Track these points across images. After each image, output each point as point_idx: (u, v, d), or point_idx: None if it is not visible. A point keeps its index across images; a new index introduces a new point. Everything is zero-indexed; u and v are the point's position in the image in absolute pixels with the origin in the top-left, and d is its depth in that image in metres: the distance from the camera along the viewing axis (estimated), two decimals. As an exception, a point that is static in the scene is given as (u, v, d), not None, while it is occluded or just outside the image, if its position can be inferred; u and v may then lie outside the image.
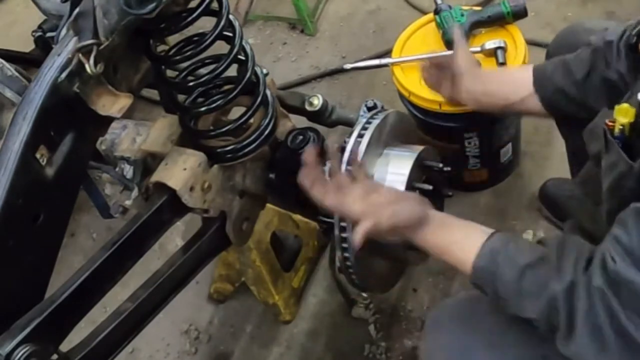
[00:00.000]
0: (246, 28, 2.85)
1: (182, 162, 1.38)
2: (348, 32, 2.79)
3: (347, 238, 1.41)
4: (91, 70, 1.18)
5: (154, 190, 1.39)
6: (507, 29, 1.82)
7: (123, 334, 1.33)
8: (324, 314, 1.99)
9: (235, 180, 1.50)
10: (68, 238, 2.32)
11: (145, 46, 1.34)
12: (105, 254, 1.26)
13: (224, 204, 1.48)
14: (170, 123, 1.45)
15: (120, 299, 1.35)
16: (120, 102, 1.25)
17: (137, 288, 1.37)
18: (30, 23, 2.39)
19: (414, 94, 1.78)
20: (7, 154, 1.13)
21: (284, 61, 2.76)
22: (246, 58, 1.42)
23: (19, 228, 1.16)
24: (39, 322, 1.14)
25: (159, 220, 1.36)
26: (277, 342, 1.97)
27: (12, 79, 1.26)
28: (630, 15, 2.41)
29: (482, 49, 1.76)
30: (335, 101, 2.04)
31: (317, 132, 1.54)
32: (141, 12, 1.17)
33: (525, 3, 1.78)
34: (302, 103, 1.76)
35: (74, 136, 1.24)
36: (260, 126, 1.45)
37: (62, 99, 1.19)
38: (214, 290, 2.09)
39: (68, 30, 1.21)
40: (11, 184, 1.11)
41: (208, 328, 2.07)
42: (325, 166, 1.49)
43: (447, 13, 1.84)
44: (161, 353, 2.05)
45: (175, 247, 1.80)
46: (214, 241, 1.52)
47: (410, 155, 1.47)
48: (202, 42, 1.33)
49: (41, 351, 1.13)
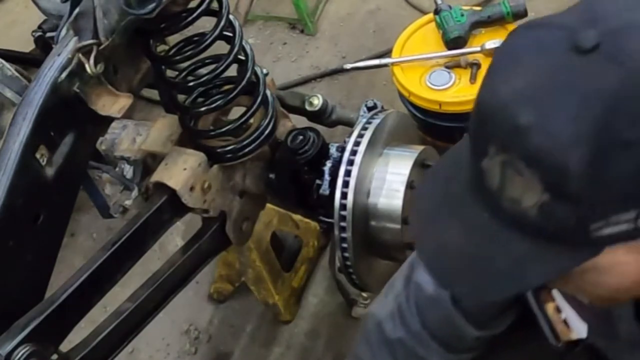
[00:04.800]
0: (246, 28, 2.84)
1: (182, 162, 1.38)
2: (348, 32, 2.79)
3: (347, 238, 1.41)
4: (91, 70, 1.18)
5: (154, 190, 1.39)
6: (507, 29, 1.82)
7: (123, 334, 1.32)
8: (324, 314, 1.99)
9: (235, 180, 1.50)
10: (68, 238, 2.31)
11: (145, 46, 1.34)
12: (105, 254, 1.25)
13: (224, 204, 1.48)
14: (170, 123, 1.45)
15: (120, 299, 1.35)
16: (120, 102, 1.25)
17: (137, 288, 1.37)
18: (30, 23, 2.39)
19: (414, 94, 1.78)
20: (7, 154, 1.13)
21: (284, 61, 2.76)
22: (246, 58, 1.42)
23: (19, 228, 1.16)
24: (39, 322, 1.14)
25: (159, 220, 1.36)
26: (277, 342, 1.97)
27: (12, 79, 1.26)
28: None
29: (482, 49, 1.76)
30: (335, 101, 2.04)
31: (317, 132, 1.54)
32: (141, 12, 1.17)
33: (525, 3, 1.79)
34: (302, 103, 1.76)
35: (74, 136, 1.24)
36: (260, 126, 1.44)
37: (62, 99, 1.19)
38: (214, 290, 2.09)
39: (68, 30, 1.21)
40: (11, 184, 1.11)
41: (208, 328, 2.07)
42: (325, 166, 1.50)
43: (447, 13, 1.84)
44: (161, 353, 2.05)
45: (175, 247, 1.80)
46: (214, 241, 1.52)
47: (410, 155, 1.47)
48: (202, 42, 1.33)
49: (41, 351, 1.13)
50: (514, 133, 0.59)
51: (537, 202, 0.60)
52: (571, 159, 0.56)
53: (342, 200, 1.41)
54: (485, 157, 0.63)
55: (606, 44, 0.57)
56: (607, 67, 0.56)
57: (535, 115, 0.58)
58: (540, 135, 0.58)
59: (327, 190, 1.48)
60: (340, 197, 1.41)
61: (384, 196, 1.44)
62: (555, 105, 0.57)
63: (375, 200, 1.45)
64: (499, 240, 0.65)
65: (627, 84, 0.55)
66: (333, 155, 1.50)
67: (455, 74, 1.79)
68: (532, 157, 0.58)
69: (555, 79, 0.58)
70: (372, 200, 1.45)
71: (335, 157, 1.49)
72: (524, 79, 0.60)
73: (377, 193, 1.45)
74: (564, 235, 0.61)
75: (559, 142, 0.57)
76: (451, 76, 1.79)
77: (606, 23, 0.59)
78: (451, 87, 1.77)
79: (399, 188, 1.42)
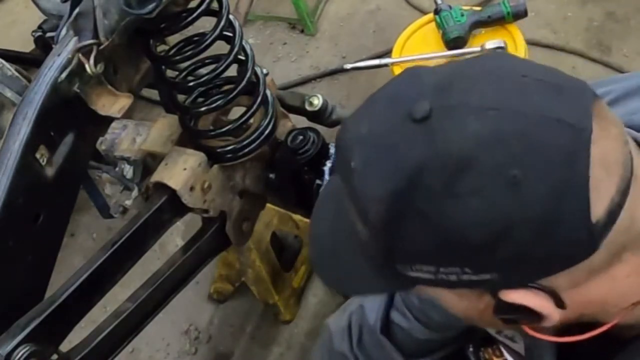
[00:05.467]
0: (246, 28, 2.84)
1: (182, 162, 1.38)
2: (348, 32, 2.79)
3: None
4: (91, 70, 1.18)
5: (154, 190, 1.39)
6: (507, 29, 1.82)
7: (123, 334, 1.32)
8: (324, 314, 1.99)
9: (235, 180, 1.50)
10: (68, 238, 2.32)
11: (145, 46, 1.34)
12: (105, 254, 1.25)
13: (224, 204, 1.48)
14: (170, 123, 1.45)
15: (120, 299, 1.35)
16: (120, 102, 1.25)
17: (137, 288, 1.37)
18: (30, 23, 2.39)
19: (414, 94, 1.77)
20: (7, 154, 1.13)
21: (284, 61, 2.76)
22: (246, 58, 1.42)
23: (19, 228, 1.16)
24: (39, 322, 1.14)
25: (159, 220, 1.36)
26: (277, 342, 1.97)
27: (12, 79, 1.26)
28: (630, 15, 2.41)
29: (482, 49, 1.76)
30: (335, 101, 2.04)
31: (317, 132, 1.54)
32: (141, 12, 1.17)
33: (525, 3, 1.78)
34: (302, 103, 1.76)
35: (74, 136, 1.24)
36: (260, 126, 1.45)
37: (62, 99, 1.19)
38: (214, 290, 2.09)
39: (68, 30, 1.21)
40: (11, 184, 1.11)
41: (208, 328, 2.07)
42: (325, 166, 1.50)
43: (447, 13, 1.84)
44: (161, 353, 2.05)
45: (175, 247, 1.80)
46: (214, 241, 1.52)
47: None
48: (202, 42, 1.33)
49: (41, 351, 1.13)
50: (347, 170, 0.64)
51: (362, 231, 0.65)
52: (371, 210, 0.62)
53: (342, 200, 1.41)
54: (339, 176, 0.69)
55: (434, 118, 0.60)
56: (422, 140, 0.59)
57: (361, 163, 0.63)
58: (359, 181, 0.63)
59: (327, 190, 1.48)
60: (340, 197, 1.41)
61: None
62: (377, 160, 0.62)
63: (375, 200, 1.45)
64: (350, 245, 0.69)
65: (430, 160, 0.58)
66: (333, 155, 1.50)
67: (456, 74, 1.79)
68: (353, 195, 0.64)
69: (387, 135, 0.62)
70: (372, 200, 1.45)
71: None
72: (368, 125, 0.64)
73: (377, 193, 1.45)
74: (381, 263, 0.66)
75: (367, 192, 0.62)
76: (451, 76, 1.79)
77: (449, 96, 0.61)
78: (451, 87, 1.77)
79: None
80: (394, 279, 0.66)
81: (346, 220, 0.68)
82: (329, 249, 0.75)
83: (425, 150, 0.59)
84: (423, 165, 0.58)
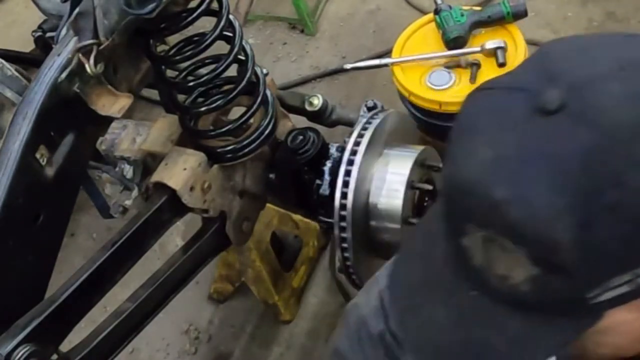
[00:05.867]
0: (246, 28, 2.84)
1: (182, 162, 1.38)
2: (348, 32, 2.79)
3: (347, 238, 1.41)
4: (91, 70, 1.18)
5: (154, 190, 1.39)
6: (507, 29, 1.82)
7: (123, 334, 1.32)
8: (324, 314, 1.99)
9: (235, 180, 1.50)
10: (68, 238, 2.31)
11: (145, 46, 1.34)
12: (105, 254, 1.25)
13: (224, 204, 1.48)
14: (170, 123, 1.45)
15: (120, 299, 1.35)
16: (120, 102, 1.25)
17: (137, 288, 1.37)
18: (30, 23, 2.39)
19: (414, 94, 1.77)
20: (7, 154, 1.13)
21: (284, 61, 2.76)
22: (246, 58, 1.42)
23: (19, 228, 1.16)
24: (39, 322, 1.14)
25: (159, 220, 1.36)
26: (277, 342, 1.97)
27: (12, 79, 1.26)
28: (630, 15, 2.41)
29: (482, 49, 1.76)
30: (335, 101, 2.04)
31: (317, 132, 1.54)
32: (141, 12, 1.18)
33: (525, 3, 1.78)
34: (302, 103, 1.76)
35: (74, 136, 1.24)
36: (260, 126, 1.44)
37: (62, 99, 1.19)
38: (214, 290, 2.09)
39: (68, 30, 1.21)
40: (11, 184, 1.11)
41: (208, 328, 2.07)
42: (325, 166, 1.50)
43: (447, 13, 1.83)
44: (161, 353, 2.05)
45: (175, 247, 1.80)
46: (214, 241, 1.52)
47: (410, 155, 1.47)
48: (202, 42, 1.33)
49: (41, 351, 1.13)
50: (491, 209, 0.55)
51: (528, 277, 0.55)
52: (556, 230, 0.52)
53: (342, 200, 1.41)
54: (464, 235, 0.59)
55: (572, 102, 0.53)
56: (577, 127, 0.52)
57: (510, 189, 0.54)
58: (520, 209, 0.53)
59: (327, 190, 1.48)
60: (340, 197, 1.41)
61: (384, 196, 1.44)
62: (529, 175, 0.53)
63: (375, 200, 1.45)
64: (492, 319, 0.59)
65: (602, 142, 0.52)
66: (333, 155, 1.51)
67: (455, 74, 1.79)
68: (515, 233, 0.54)
69: (523, 146, 0.54)
70: (372, 200, 1.45)
71: (335, 157, 1.49)
72: (490, 150, 0.56)
73: (377, 193, 1.45)
74: (560, 307, 0.57)
75: (541, 214, 0.53)
76: (451, 76, 1.78)
77: (566, 80, 0.55)
78: (451, 87, 1.77)
79: (399, 188, 1.42)
80: (580, 317, 0.57)
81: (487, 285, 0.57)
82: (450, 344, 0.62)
83: (586, 135, 0.52)
84: (592, 152, 0.51)
